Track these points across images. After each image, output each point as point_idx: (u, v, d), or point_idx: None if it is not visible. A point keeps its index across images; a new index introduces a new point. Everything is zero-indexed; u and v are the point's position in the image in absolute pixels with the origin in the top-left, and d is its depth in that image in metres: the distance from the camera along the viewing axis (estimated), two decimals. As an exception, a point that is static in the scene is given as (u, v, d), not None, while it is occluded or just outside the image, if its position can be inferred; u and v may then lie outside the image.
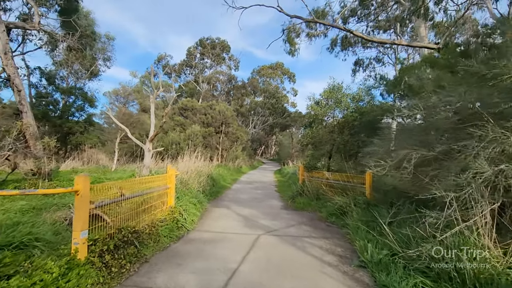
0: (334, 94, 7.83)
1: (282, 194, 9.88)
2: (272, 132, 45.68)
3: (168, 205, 5.10)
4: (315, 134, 8.29)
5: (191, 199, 6.53)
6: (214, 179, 11.16)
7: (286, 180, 13.65)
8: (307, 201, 7.42)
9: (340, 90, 7.93)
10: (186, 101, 21.29)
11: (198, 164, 11.81)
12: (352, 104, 7.79)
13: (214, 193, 9.41)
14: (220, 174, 13.90)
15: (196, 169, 10.46)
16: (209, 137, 18.54)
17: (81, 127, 15.67)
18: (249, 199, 8.72)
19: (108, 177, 9.28)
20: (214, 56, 31.05)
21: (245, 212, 6.65)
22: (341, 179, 6.69)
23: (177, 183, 6.93)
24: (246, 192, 10.28)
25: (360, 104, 7.90)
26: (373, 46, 24.64)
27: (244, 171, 19.65)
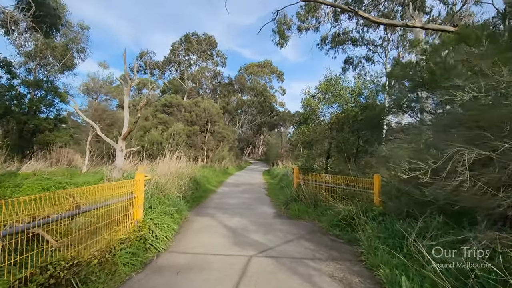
0: (332, 87, 6.99)
1: (273, 199, 8.93)
2: (260, 132, 44.78)
3: (135, 219, 4.01)
4: (311, 132, 7.40)
5: (167, 208, 5.45)
6: (197, 182, 10.07)
7: (277, 183, 12.72)
8: (304, 208, 6.50)
9: (339, 83, 7.09)
10: (170, 97, 19.96)
11: (181, 165, 10.71)
12: (352, 98, 6.95)
13: (197, 198, 8.34)
14: (205, 176, 12.80)
15: (178, 171, 9.36)
16: (194, 136, 17.35)
17: (49, 124, 14.08)
18: (237, 205, 7.72)
19: (73, 181, 8.00)
20: (200, 51, 29.74)
21: (232, 223, 5.64)
22: (344, 183, 5.81)
23: (151, 189, 5.84)
24: (233, 197, 9.26)
25: (360, 98, 7.08)
26: (363, 43, 24.23)
27: (231, 172, 18.60)
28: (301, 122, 7.63)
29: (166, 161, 10.17)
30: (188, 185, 8.41)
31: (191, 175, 10.09)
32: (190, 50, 29.53)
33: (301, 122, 7.69)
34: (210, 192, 9.93)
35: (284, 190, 9.19)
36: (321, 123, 7.68)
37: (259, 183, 13.94)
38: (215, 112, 18.05)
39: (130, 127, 7.71)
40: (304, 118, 7.52)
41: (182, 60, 32.95)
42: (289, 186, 8.92)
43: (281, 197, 8.66)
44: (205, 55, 30.96)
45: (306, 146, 7.70)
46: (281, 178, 12.70)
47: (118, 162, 7.95)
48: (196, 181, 9.90)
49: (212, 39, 30.60)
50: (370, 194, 5.36)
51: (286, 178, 11.91)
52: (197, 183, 9.86)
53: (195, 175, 11.05)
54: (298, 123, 7.73)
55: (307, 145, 7.59)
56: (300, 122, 7.67)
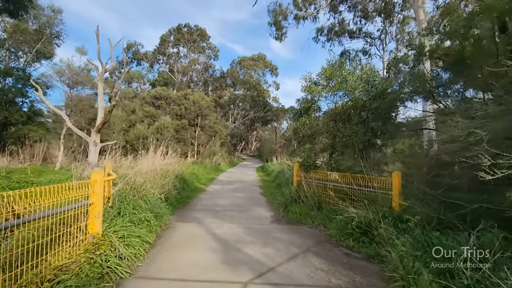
0: (337, 72, 6.07)
1: (269, 199, 8.02)
2: (253, 127, 43.78)
3: (90, 234, 3.01)
4: (313, 123, 6.48)
5: (142, 214, 4.45)
6: (185, 180, 9.06)
7: (272, 180, 11.82)
8: (306, 211, 5.60)
9: (344, 67, 6.17)
10: (160, 89, 18.73)
11: (167, 162, 9.68)
12: (360, 85, 6.04)
13: (183, 198, 7.35)
14: (194, 173, 11.79)
15: (162, 168, 8.34)
16: (183, 130, 16.25)
17: (22, 116, 12.75)
18: (229, 207, 6.77)
19: (37, 180, 6.88)
20: (191, 42, 28.39)
21: (223, 230, 4.69)
22: (355, 182, 4.92)
23: (124, 191, 4.82)
24: (225, 196, 8.30)
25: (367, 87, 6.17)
26: (360, 36, 23.46)
27: (223, 168, 17.61)
28: (302, 113, 6.70)
29: (150, 157, 9.14)
30: (173, 184, 7.40)
31: (178, 173, 9.08)
32: (180, 41, 28.14)
33: (301, 113, 6.76)
34: (199, 191, 8.94)
35: (282, 189, 8.27)
36: (324, 114, 6.76)
37: (253, 180, 13.02)
38: (206, 105, 16.96)
39: (104, 117, 6.63)
40: (305, 108, 6.59)
41: (172, 53, 31.51)
42: (287, 185, 8.02)
43: (278, 196, 7.76)
44: (196, 47, 29.63)
45: (308, 140, 6.79)
46: (276, 175, 11.80)
47: (92, 157, 6.88)
48: (183, 179, 8.89)
49: (203, 31, 29.27)
50: (388, 195, 4.49)
51: (282, 175, 11.01)
52: (184, 181, 8.85)
53: (183, 172, 10.03)
54: (298, 114, 6.79)
55: (308, 138, 6.67)
56: (300, 112, 6.74)
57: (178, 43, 28.62)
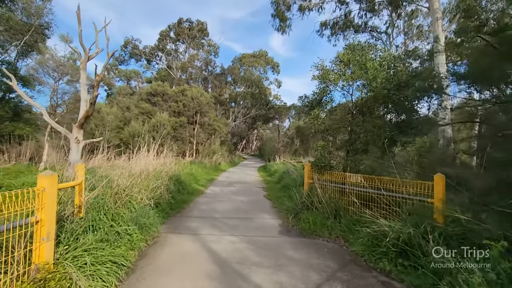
0: (358, 57, 5.18)
1: (275, 203, 7.16)
2: (254, 126, 42.89)
3: (34, 264, 2.14)
4: (328, 117, 5.58)
5: (122, 226, 3.60)
6: (181, 181, 8.20)
7: (277, 181, 10.95)
8: (320, 220, 4.73)
9: (366, 51, 5.29)
10: (156, 85, 17.83)
11: (162, 162, 8.84)
12: (382, 72, 5.17)
13: (178, 203, 6.49)
14: (192, 173, 10.94)
15: (155, 169, 7.50)
16: (181, 128, 15.38)
17: (7, 112, 11.89)
18: (230, 213, 5.91)
19: (8, 182, 6.02)
20: (191, 38, 27.47)
21: (222, 246, 3.83)
22: (383, 186, 4.05)
23: (103, 197, 3.97)
24: (225, 200, 7.44)
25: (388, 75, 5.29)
26: (366, 30, 22.55)
27: (223, 168, 16.75)
28: (313, 105, 5.81)
29: (143, 157, 8.30)
30: (167, 187, 6.55)
31: (173, 174, 8.22)
32: (180, 36, 27.22)
33: (312, 105, 5.87)
34: (196, 194, 8.08)
35: (289, 192, 7.42)
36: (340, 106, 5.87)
37: (255, 181, 12.15)
38: (205, 102, 16.08)
39: (87, 110, 5.76)
40: (317, 99, 5.70)
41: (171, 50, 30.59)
42: (296, 187, 7.16)
43: (286, 201, 6.90)
44: (197, 43, 28.73)
45: (321, 137, 5.91)
46: (281, 176, 10.93)
47: (73, 156, 6.03)
48: (179, 180, 8.02)
49: (204, 27, 28.36)
50: (427, 204, 3.62)
51: (287, 176, 10.14)
52: (180, 183, 7.99)
53: (179, 173, 9.17)
54: (309, 106, 5.90)
55: (322, 134, 5.79)
56: (312, 104, 5.85)
57: (179, 38, 27.70)
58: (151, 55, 30.46)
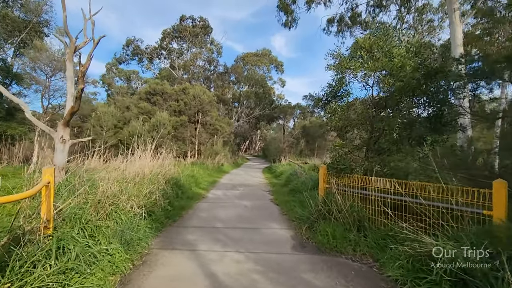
0: (381, 42, 4.45)
1: (284, 208, 6.44)
2: (257, 126, 42.18)
3: None
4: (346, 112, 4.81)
5: (101, 246, 2.91)
6: (180, 185, 7.52)
7: (284, 183, 10.23)
8: (341, 232, 4.00)
9: (391, 36, 4.55)
10: (154, 83, 17.22)
11: (160, 163, 8.20)
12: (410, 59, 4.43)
13: (175, 210, 5.79)
14: (193, 175, 10.25)
15: (152, 171, 6.85)
16: (182, 128, 14.72)
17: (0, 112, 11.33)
18: (233, 222, 5.21)
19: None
20: (193, 36, 26.86)
21: (225, 268, 3.12)
22: (420, 192, 3.31)
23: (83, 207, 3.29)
24: (227, 205, 6.73)
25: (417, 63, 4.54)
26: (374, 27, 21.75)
27: (226, 170, 16.05)
28: (329, 99, 5.07)
29: (139, 158, 7.66)
30: (163, 192, 5.86)
31: (172, 176, 7.55)
32: (182, 34, 26.61)
33: (328, 99, 5.13)
34: (196, 199, 7.38)
35: (299, 197, 6.70)
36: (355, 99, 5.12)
37: (260, 183, 11.44)
38: (207, 100, 15.41)
39: (72, 106, 5.09)
40: (333, 92, 4.96)
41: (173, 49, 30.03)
42: (305, 192, 6.43)
43: (296, 206, 6.18)
44: (199, 41, 28.11)
45: (338, 135, 5.16)
46: (288, 178, 10.20)
47: (58, 158, 5.37)
48: (177, 184, 7.34)
49: (206, 24, 27.74)
50: (483, 216, 2.87)
51: (295, 178, 9.41)
52: (179, 187, 7.30)
53: (179, 175, 8.49)
54: (325, 100, 5.15)
55: (339, 132, 5.04)
56: (327, 98, 5.10)
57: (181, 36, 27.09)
58: (153, 54, 29.93)
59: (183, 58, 28.23)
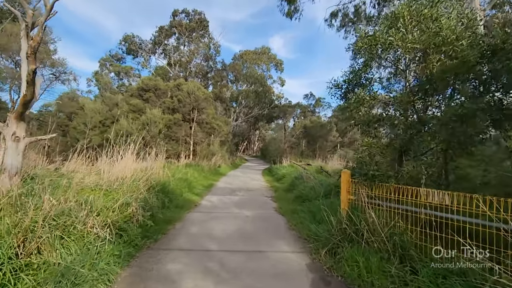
0: (425, 10, 3.40)
1: (290, 220, 5.36)
2: (256, 126, 41.10)
3: None
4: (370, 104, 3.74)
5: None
6: (168, 191, 6.41)
7: (287, 188, 9.15)
8: (378, 263, 2.93)
9: (435, 3, 3.51)
10: (147, 79, 16.10)
11: (145, 165, 7.15)
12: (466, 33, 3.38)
13: (159, 224, 4.69)
14: (186, 179, 9.15)
15: (134, 176, 5.77)
16: (175, 126, 13.60)
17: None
18: (231, 242, 4.12)
19: None
20: (189, 31, 25.71)
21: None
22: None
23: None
24: (224, 216, 5.64)
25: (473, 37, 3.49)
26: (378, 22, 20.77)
27: (224, 171, 14.95)
28: (351, 87, 3.97)
29: (121, 159, 6.60)
30: (143, 202, 4.76)
31: (159, 181, 6.45)
32: (178, 28, 25.47)
33: (349, 87, 4.04)
34: (187, 208, 6.27)
35: (309, 206, 5.62)
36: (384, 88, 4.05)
37: (261, 187, 10.35)
38: (203, 96, 14.30)
39: (24, 94, 3.98)
40: (357, 78, 3.87)
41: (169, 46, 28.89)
42: (317, 200, 5.37)
43: (305, 218, 5.11)
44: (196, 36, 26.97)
45: (363, 131, 4.08)
46: (292, 182, 9.12)
47: (10, 160, 4.26)
48: (165, 190, 6.24)
49: (202, 17, 26.62)
50: None
51: (300, 183, 8.33)
52: (166, 193, 6.20)
53: (168, 179, 7.40)
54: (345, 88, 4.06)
55: (367, 127, 3.95)
56: (349, 86, 4.01)
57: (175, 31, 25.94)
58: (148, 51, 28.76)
59: (179, 54, 27.07)
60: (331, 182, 6.55)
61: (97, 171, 5.90)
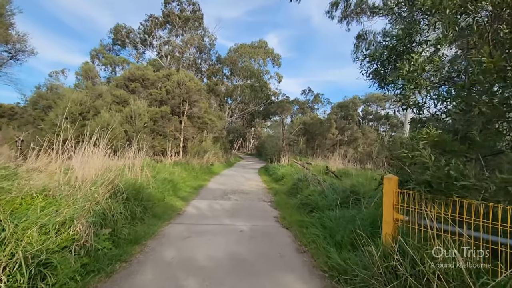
0: None
1: (299, 237, 4.12)
2: (252, 123, 39.78)
3: None
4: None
5: None
6: (142, 197, 5.10)
7: (289, 191, 7.92)
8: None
9: None
10: (135, 68, 14.67)
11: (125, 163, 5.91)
12: None
13: (120, 246, 3.42)
14: (172, 180, 7.85)
15: (99, 177, 4.48)
16: (164, 120, 12.23)
17: None
18: (218, 275, 2.85)
19: None
20: (182, 21, 24.19)
21: None
22: None
23: None
24: (212, 230, 4.37)
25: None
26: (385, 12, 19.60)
27: (216, 170, 13.66)
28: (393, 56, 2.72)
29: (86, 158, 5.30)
30: (100, 215, 3.46)
31: (132, 184, 5.14)
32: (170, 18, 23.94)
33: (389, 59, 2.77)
34: (166, 218, 4.99)
35: (322, 219, 4.38)
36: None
37: (258, 189, 9.10)
38: (195, 89, 12.93)
39: None
40: (403, 43, 2.63)
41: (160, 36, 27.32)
42: (330, 210, 4.17)
43: (318, 236, 3.89)
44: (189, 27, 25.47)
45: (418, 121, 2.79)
46: (295, 184, 7.87)
47: None
48: (137, 197, 4.92)
49: (196, 8, 25.14)
50: None
51: (306, 185, 7.09)
52: (140, 200, 4.89)
53: (148, 181, 6.11)
54: (386, 59, 2.81)
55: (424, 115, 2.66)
56: (390, 56, 2.75)
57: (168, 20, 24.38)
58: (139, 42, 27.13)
59: (171, 44, 25.54)
60: (346, 187, 5.33)
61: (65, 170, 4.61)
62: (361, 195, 4.60)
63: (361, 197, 4.64)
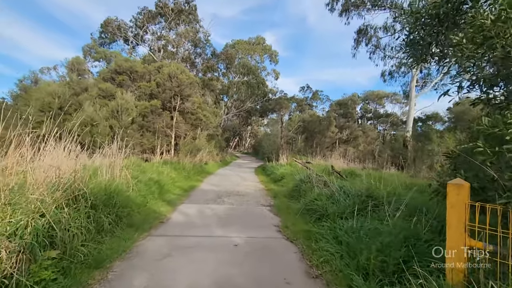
0: None
1: (307, 253, 3.29)
2: (248, 121, 38.88)
3: None
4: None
5: None
6: (116, 203, 4.20)
7: (289, 193, 7.09)
8: None
9: None
10: (122, 60, 13.70)
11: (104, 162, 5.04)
12: None
13: (77, 273, 2.53)
14: (158, 180, 6.98)
15: (58, 179, 3.58)
16: (153, 115, 11.30)
17: None
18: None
19: None
20: (175, 13, 23.15)
21: None
22: None
23: None
24: (199, 245, 3.52)
25: None
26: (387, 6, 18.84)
27: (210, 170, 12.78)
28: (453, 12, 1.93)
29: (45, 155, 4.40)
30: (45, 231, 2.59)
31: (104, 187, 4.25)
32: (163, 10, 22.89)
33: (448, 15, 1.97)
34: (145, 228, 4.12)
35: (334, 230, 3.55)
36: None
37: (256, 191, 8.26)
38: (186, 80, 12.00)
39: None
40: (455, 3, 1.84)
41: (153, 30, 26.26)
42: (342, 219, 3.34)
43: (332, 255, 3.08)
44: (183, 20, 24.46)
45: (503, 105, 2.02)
46: (297, 186, 7.03)
47: None
48: (111, 202, 4.03)
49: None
50: None
51: (309, 188, 6.25)
52: (113, 206, 4.01)
53: (126, 183, 5.23)
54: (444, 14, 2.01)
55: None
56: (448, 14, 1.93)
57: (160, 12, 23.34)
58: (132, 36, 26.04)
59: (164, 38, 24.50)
60: (361, 190, 4.51)
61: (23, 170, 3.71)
62: (383, 201, 3.78)
63: (382, 203, 3.82)
